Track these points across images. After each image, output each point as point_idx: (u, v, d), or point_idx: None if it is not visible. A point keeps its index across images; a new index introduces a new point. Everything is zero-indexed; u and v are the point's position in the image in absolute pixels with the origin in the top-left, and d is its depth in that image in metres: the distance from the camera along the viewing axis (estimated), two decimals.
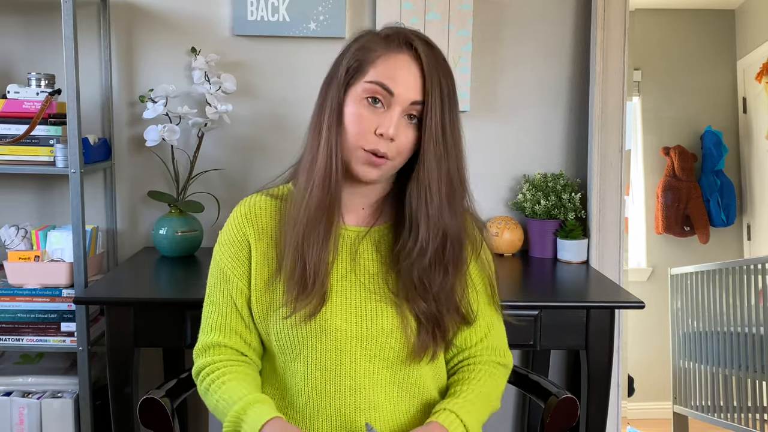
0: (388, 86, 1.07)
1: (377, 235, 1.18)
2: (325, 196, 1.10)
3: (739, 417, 2.93)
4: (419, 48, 1.08)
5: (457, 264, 1.14)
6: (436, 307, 1.12)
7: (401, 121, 1.08)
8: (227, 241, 1.19)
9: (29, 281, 1.83)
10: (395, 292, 1.13)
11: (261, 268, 1.15)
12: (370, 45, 1.11)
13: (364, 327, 1.12)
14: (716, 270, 3.10)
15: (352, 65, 1.10)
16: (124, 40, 2.06)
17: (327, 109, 1.11)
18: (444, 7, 2.02)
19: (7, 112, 1.80)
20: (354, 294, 1.13)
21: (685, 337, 3.32)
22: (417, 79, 1.08)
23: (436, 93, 1.08)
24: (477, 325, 1.19)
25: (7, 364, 1.97)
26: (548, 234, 2.05)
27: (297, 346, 1.12)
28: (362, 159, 1.09)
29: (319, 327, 1.11)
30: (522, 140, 2.15)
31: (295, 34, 2.04)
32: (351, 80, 1.10)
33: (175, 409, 1.28)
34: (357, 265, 1.15)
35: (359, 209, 1.19)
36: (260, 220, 1.18)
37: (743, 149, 3.64)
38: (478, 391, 1.17)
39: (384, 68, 1.08)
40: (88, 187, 2.03)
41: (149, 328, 1.59)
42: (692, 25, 3.63)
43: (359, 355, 1.12)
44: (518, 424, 2.26)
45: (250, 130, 2.10)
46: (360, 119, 1.08)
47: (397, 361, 1.13)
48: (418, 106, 1.08)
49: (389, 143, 1.08)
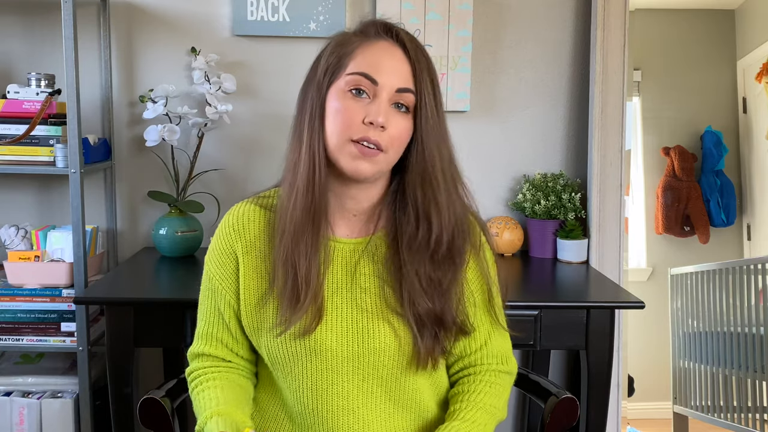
0: (370, 75, 1.02)
1: (372, 247, 1.12)
2: (310, 203, 1.05)
3: (739, 417, 2.93)
4: (400, 33, 1.05)
5: (462, 256, 1.10)
6: (441, 307, 1.07)
7: (390, 110, 1.03)
8: (215, 250, 1.16)
9: (29, 281, 1.83)
10: (391, 305, 1.08)
11: (250, 282, 1.12)
12: (346, 39, 1.07)
13: (355, 346, 1.07)
14: (716, 270, 3.10)
15: (331, 63, 1.06)
16: (124, 40, 2.06)
17: (307, 111, 1.06)
18: (444, 7, 2.02)
19: (7, 112, 1.80)
20: (347, 312, 1.08)
21: (685, 337, 3.32)
22: (402, 64, 1.04)
23: (427, 78, 1.04)
24: (476, 332, 1.14)
25: (7, 364, 1.97)
26: (548, 234, 2.05)
27: (288, 363, 1.09)
28: (352, 153, 1.02)
29: (310, 347, 1.07)
30: (522, 140, 2.15)
31: (295, 34, 2.04)
32: (331, 78, 1.05)
33: (175, 409, 1.28)
34: (351, 280, 1.10)
35: (350, 217, 1.13)
36: (249, 232, 1.13)
37: (743, 149, 3.64)
38: (479, 406, 1.11)
39: (363, 57, 1.04)
40: (88, 187, 2.03)
41: (149, 328, 1.59)
42: (692, 25, 3.63)
43: (352, 374, 1.08)
44: (518, 424, 2.26)
45: (250, 130, 2.10)
46: (345, 111, 1.02)
47: (392, 377, 1.09)
48: (406, 94, 1.03)
49: (380, 132, 1.02)
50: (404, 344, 1.08)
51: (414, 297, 1.07)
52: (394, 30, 1.05)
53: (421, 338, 1.07)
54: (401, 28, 1.07)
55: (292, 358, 1.08)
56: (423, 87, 1.04)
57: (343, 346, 1.07)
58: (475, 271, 1.14)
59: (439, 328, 1.08)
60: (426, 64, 1.05)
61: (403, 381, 1.10)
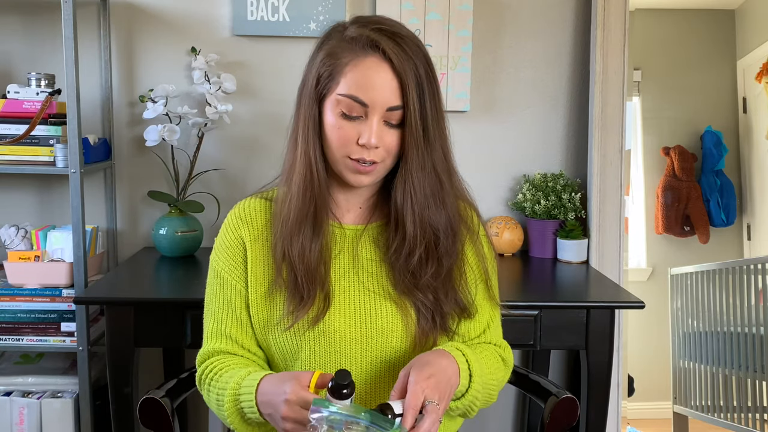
0: (360, 99, 1.04)
1: (375, 232, 1.17)
2: (306, 206, 1.09)
3: (739, 417, 2.92)
4: (386, 48, 1.04)
5: (451, 254, 1.13)
6: (433, 296, 1.11)
7: (382, 128, 1.06)
8: (222, 244, 1.18)
9: (29, 281, 1.83)
10: (395, 287, 1.13)
11: (258, 270, 1.15)
12: (336, 51, 1.07)
13: (363, 328, 1.11)
14: (716, 270, 3.10)
15: (323, 74, 1.08)
16: (124, 40, 2.06)
17: (302, 121, 1.10)
18: (444, 7, 2.02)
19: (7, 112, 1.80)
20: (354, 294, 1.13)
21: (685, 337, 3.32)
22: (391, 81, 1.04)
23: (413, 91, 1.05)
24: (477, 318, 1.17)
25: (7, 364, 1.97)
26: (548, 234, 2.05)
27: (296, 350, 1.11)
28: (350, 168, 1.08)
29: (319, 330, 1.10)
30: (522, 140, 2.15)
31: (295, 34, 2.04)
32: (324, 90, 1.08)
33: (175, 409, 1.28)
34: (357, 264, 1.15)
35: (356, 208, 1.19)
36: (255, 222, 1.17)
37: (743, 149, 3.64)
38: (482, 354, 1.14)
39: (354, 77, 1.05)
40: (88, 187, 2.03)
41: (149, 328, 1.59)
42: (692, 25, 3.63)
43: (359, 357, 1.11)
44: (518, 424, 2.26)
45: (250, 130, 2.10)
46: (340, 131, 1.06)
47: (398, 359, 1.12)
48: (396, 111, 1.06)
49: (374, 150, 1.06)
50: (410, 324, 1.11)
51: (410, 288, 1.12)
52: (380, 46, 1.04)
53: (425, 320, 1.11)
54: (388, 38, 1.05)
55: (300, 345, 1.11)
56: (409, 101, 1.05)
57: (351, 328, 1.11)
58: (472, 251, 1.18)
59: (440, 315, 1.12)
60: (414, 72, 1.05)
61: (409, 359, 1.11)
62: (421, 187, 1.09)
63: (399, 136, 1.08)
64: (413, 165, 1.08)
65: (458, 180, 1.16)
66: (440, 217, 1.11)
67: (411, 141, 1.07)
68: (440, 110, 1.10)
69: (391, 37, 1.06)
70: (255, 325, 1.15)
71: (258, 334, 1.15)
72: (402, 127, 1.07)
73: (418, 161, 1.08)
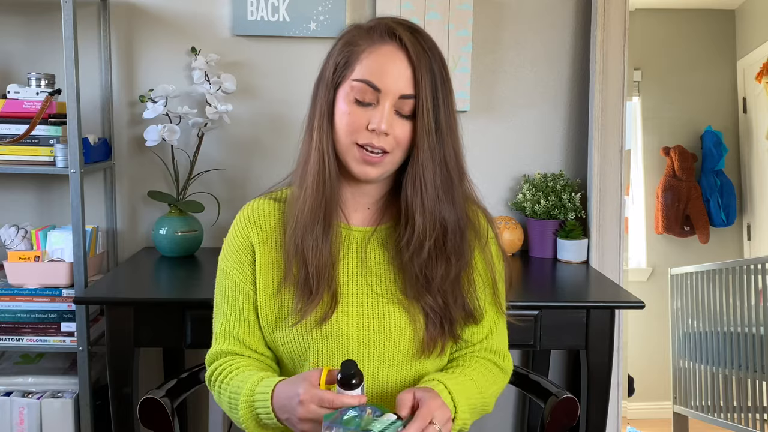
0: (373, 83, 1.05)
1: (383, 235, 1.16)
2: (319, 198, 1.09)
3: (739, 417, 2.92)
4: (404, 37, 1.06)
5: (459, 254, 1.12)
6: (443, 300, 1.11)
7: (393, 116, 1.06)
8: (231, 246, 1.18)
9: (29, 281, 1.83)
10: (403, 291, 1.12)
11: (266, 272, 1.15)
12: (354, 39, 1.09)
13: (371, 331, 1.11)
14: (716, 270, 3.10)
15: (340, 63, 1.09)
16: (124, 40, 2.06)
17: (318, 110, 1.11)
18: (444, 7, 2.02)
19: (7, 112, 1.80)
20: (361, 297, 1.12)
21: (685, 337, 3.32)
22: (405, 69, 1.06)
23: (427, 83, 1.06)
24: (481, 324, 1.17)
25: (7, 364, 1.97)
26: (548, 234, 2.05)
27: (304, 352, 1.12)
28: (358, 157, 1.07)
29: (326, 333, 1.10)
30: (522, 140, 2.15)
31: (295, 34, 2.04)
32: (339, 78, 1.09)
33: (175, 409, 1.28)
34: (365, 266, 1.14)
35: (365, 209, 1.18)
36: (264, 223, 1.17)
37: (743, 149, 3.64)
38: (471, 377, 1.14)
39: (369, 63, 1.06)
40: (88, 187, 2.03)
41: (149, 328, 1.59)
42: (692, 25, 3.63)
43: (367, 360, 1.11)
44: (518, 424, 2.26)
45: (250, 130, 2.10)
46: (350, 116, 1.06)
47: (405, 361, 1.12)
48: (408, 100, 1.06)
49: (384, 137, 1.06)
50: (418, 328, 1.11)
51: (418, 290, 1.11)
52: (398, 34, 1.06)
53: (434, 325, 1.11)
54: (406, 29, 1.08)
55: (308, 346, 1.11)
56: (422, 92, 1.06)
57: (359, 332, 1.11)
58: (481, 258, 1.18)
59: (447, 319, 1.12)
60: (428, 66, 1.06)
61: (415, 366, 1.13)
62: (432, 179, 1.08)
63: (410, 129, 1.08)
64: (424, 156, 1.07)
65: (468, 183, 1.16)
66: (450, 213, 1.11)
67: (422, 132, 1.07)
68: (453, 111, 1.11)
69: (409, 30, 1.08)
70: (264, 327, 1.15)
71: (267, 335, 1.15)
72: (413, 119, 1.07)
73: (428, 153, 1.07)
